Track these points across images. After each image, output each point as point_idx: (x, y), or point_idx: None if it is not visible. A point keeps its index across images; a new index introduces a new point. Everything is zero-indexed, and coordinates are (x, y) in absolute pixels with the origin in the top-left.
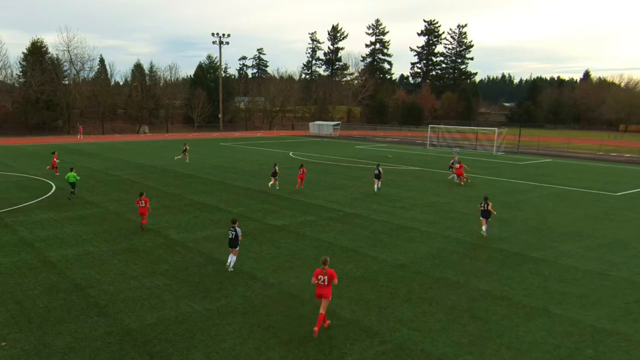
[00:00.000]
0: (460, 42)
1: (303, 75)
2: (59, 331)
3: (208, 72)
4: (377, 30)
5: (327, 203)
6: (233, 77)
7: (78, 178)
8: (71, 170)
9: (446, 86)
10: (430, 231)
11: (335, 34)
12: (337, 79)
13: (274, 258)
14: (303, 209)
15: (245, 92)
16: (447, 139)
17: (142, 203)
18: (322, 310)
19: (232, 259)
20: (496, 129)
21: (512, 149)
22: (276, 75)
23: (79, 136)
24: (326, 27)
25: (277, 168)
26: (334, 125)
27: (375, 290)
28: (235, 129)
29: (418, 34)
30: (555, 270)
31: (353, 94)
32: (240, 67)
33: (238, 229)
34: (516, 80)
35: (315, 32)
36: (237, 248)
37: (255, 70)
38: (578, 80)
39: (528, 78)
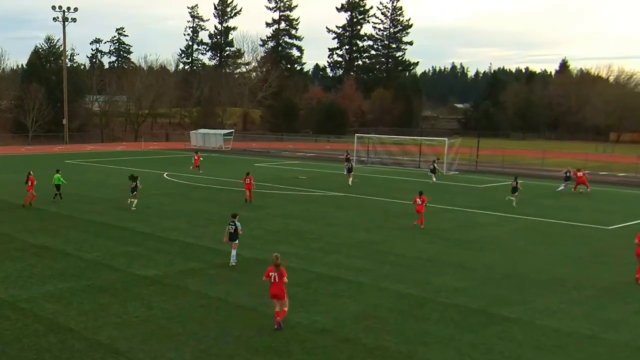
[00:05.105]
0: (394, 21)
1: (181, 66)
2: None
3: (47, 60)
4: (282, 4)
5: (217, 244)
6: (83, 67)
7: (64, 182)
8: (57, 172)
9: (377, 80)
10: (361, 281)
11: (224, 9)
12: (228, 70)
13: (143, 323)
14: (183, 252)
15: (101, 88)
16: (381, 154)
17: (247, 180)
18: None
19: (233, 253)
20: (446, 139)
21: (468, 167)
22: (143, 65)
23: None
24: None
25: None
26: (225, 134)
27: None
28: (86, 141)
29: (337, 9)
30: (532, 333)
31: (250, 91)
32: (92, 54)
33: (238, 223)
34: (471, 73)
35: (196, 5)
36: (237, 241)
37: (113, 59)
38: (553, 72)
39: (487, 70)
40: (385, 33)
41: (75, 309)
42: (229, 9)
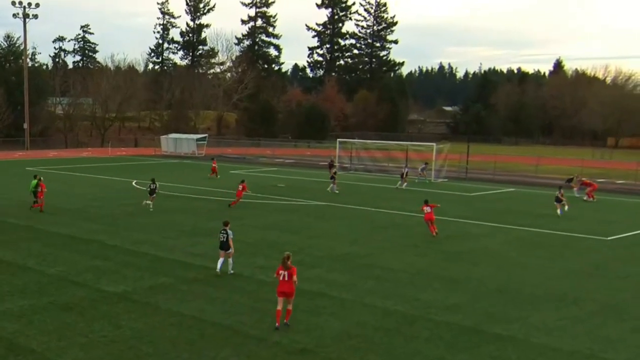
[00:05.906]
0: (378, 18)
1: (150, 66)
2: None
3: (7, 60)
4: (258, 0)
5: (189, 257)
6: (45, 67)
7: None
8: (35, 177)
9: (360, 81)
10: (344, 298)
11: (196, 5)
12: (201, 70)
13: (111, 343)
14: (153, 267)
15: (64, 90)
16: (365, 160)
17: (239, 187)
18: None
19: (223, 262)
20: (434, 144)
21: (457, 174)
22: (110, 65)
23: None
24: None
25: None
26: (198, 139)
27: None
28: (49, 146)
29: (317, 5)
30: (527, 352)
31: (225, 92)
32: (55, 53)
33: (230, 231)
34: (460, 74)
35: (167, 1)
36: (230, 250)
37: (78, 58)
38: (547, 73)
39: (477, 70)
40: (368, 31)
41: (37, 328)
42: (201, 5)
